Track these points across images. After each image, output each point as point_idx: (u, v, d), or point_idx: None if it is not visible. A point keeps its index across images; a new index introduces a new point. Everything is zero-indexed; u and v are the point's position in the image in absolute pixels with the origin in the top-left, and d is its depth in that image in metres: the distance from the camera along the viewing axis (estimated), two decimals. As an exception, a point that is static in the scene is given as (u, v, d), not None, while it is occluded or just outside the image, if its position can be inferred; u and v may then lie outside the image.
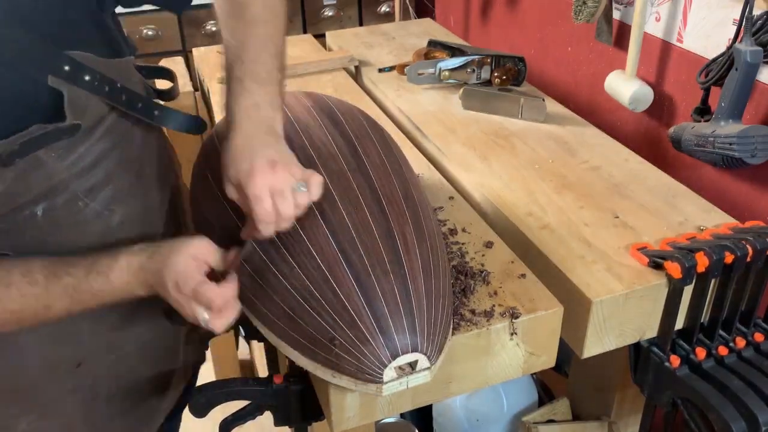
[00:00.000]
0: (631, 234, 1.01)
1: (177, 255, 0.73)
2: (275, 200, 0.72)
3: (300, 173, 0.74)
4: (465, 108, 1.41)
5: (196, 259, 0.74)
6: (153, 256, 0.75)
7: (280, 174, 0.72)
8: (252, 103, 0.76)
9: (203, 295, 0.72)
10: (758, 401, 0.90)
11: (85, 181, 0.77)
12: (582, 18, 1.48)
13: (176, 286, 0.73)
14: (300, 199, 0.73)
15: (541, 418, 1.28)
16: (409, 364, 0.72)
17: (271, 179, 0.71)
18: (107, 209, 0.80)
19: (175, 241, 0.76)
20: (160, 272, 0.73)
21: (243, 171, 0.72)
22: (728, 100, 1.15)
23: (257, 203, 0.71)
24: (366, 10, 2.62)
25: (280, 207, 0.72)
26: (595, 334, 0.92)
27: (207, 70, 1.63)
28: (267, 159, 0.72)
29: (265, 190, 0.71)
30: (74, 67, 0.70)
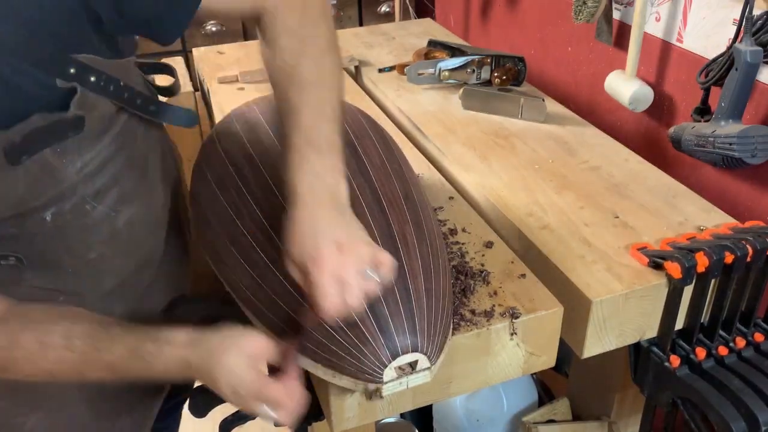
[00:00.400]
0: (631, 234, 1.01)
1: (230, 356, 0.69)
2: (343, 289, 0.67)
3: (369, 254, 0.69)
4: (465, 108, 1.41)
5: (252, 359, 0.70)
6: (203, 355, 0.71)
7: (347, 259, 0.67)
8: (314, 173, 0.71)
9: (269, 397, 0.69)
10: (758, 401, 0.90)
11: (93, 184, 0.77)
12: (582, 18, 1.48)
13: (234, 391, 0.69)
14: (368, 287, 0.68)
15: (541, 418, 1.28)
16: (409, 364, 0.72)
17: (338, 266, 0.66)
18: (114, 210, 0.80)
19: (222, 334, 0.71)
20: (211, 372, 0.70)
21: (308, 254, 0.68)
22: (728, 100, 1.15)
23: (323, 296, 0.66)
24: (366, 10, 2.62)
25: (347, 297, 0.67)
26: (595, 334, 0.92)
27: (207, 70, 1.63)
28: (333, 241, 0.67)
29: (331, 281, 0.66)
30: (80, 70, 0.70)
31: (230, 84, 1.55)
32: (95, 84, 0.72)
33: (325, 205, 0.70)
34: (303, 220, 0.69)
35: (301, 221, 0.69)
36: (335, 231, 0.68)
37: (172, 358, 0.71)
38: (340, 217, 0.70)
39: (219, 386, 0.70)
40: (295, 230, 0.69)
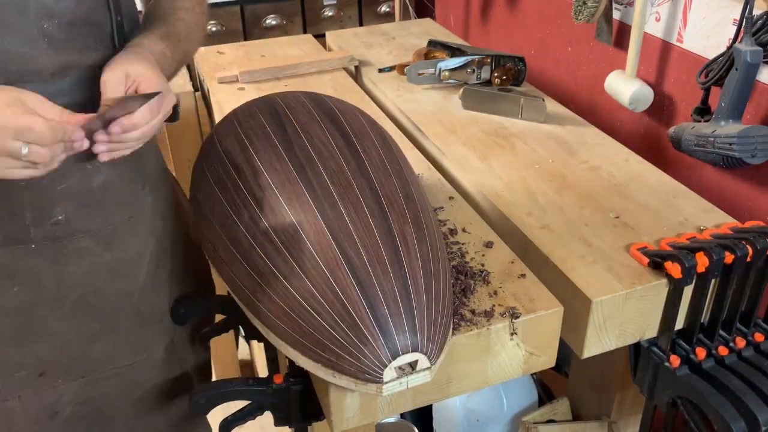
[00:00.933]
0: (631, 234, 1.01)
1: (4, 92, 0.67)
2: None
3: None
4: (465, 108, 1.41)
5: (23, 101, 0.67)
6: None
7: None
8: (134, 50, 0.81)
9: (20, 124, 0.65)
10: (758, 401, 0.90)
11: None
12: (582, 18, 1.48)
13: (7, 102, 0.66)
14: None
15: (541, 418, 1.28)
16: (409, 364, 0.72)
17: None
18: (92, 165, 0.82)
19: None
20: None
21: None
22: (728, 100, 1.15)
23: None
24: (366, 10, 2.62)
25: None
26: (595, 334, 0.92)
27: (207, 70, 1.63)
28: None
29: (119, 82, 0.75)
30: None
31: (230, 84, 1.55)
32: None
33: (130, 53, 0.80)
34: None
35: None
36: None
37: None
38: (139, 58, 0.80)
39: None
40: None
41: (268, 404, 0.94)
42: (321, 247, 0.75)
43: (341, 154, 0.86)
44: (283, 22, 2.48)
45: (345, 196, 0.79)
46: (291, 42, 1.80)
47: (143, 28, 0.87)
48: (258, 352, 1.88)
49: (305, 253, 0.75)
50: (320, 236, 0.76)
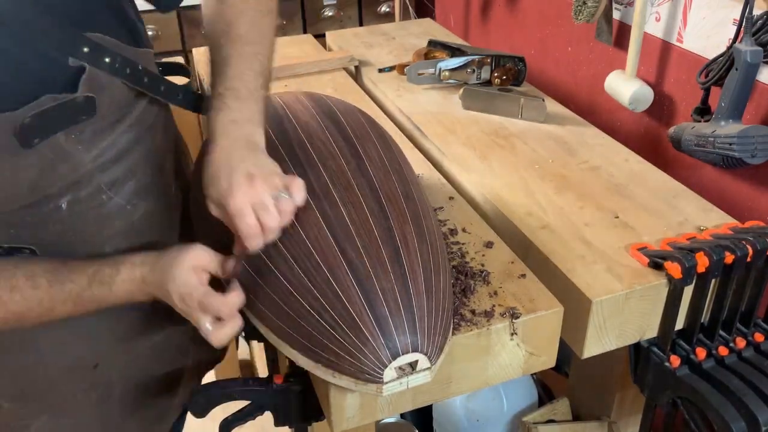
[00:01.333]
0: (631, 234, 1.01)
1: (178, 268, 0.73)
2: (258, 213, 0.70)
3: (280, 181, 0.73)
4: (465, 108, 1.41)
5: (197, 269, 0.74)
6: (154, 269, 0.75)
7: (259, 186, 0.71)
8: (231, 120, 0.75)
9: (209, 306, 0.72)
10: (758, 401, 0.90)
11: (110, 174, 0.77)
12: (582, 18, 1.48)
13: (182, 300, 0.73)
14: (284, 206, 0.72)
15: (541, 418, 1.28)
16: (410, 364, 0.72)
17: (251, 193, 0.70)
18: (130, 204, 0.81)
19: (174, 251, 0.75)
20: (163, 285, 0.74)
21: (223, 189, 0.71)
22: (728, 100, 1.15)
23: (240, 219, 0.70)
24: (366, 10, 2.62)
25: (264, 219, 0.70)
26: (595, 334, 0.92)
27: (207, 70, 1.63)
28: (245, 173, 0.71)
29: (246, 206, 0.70)
30: (93, 49, 0.70)
31: (230, 84, 1.55)
32: (110, 65, 0.72)
33: (239, 146, 0.73)
34: (217, 161, 0.73)
35: (215, 162, 0.73)
36: (246, 165, 0.72)
37: (129, 277, 0.75)
38: (254, 156, 0.73)
39: (171, 297, 0.73)
40: (211, 170, 0.73)
41: (268, 404, 0.94)
42: (321, 247, 0.75)
43: (341, 154, 0.86)
44: (282, 22, 2.48)
45: (345, 196, 0.79)
46: (291, 42, 1.80)
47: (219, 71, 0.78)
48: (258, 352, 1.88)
49: (305, 253, 0.75)
50: (320, 236, 0.76)
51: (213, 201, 0.73)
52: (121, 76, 0.74)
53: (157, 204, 0.85)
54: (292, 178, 0.74)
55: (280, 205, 0.72)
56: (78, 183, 0.75)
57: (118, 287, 0.75)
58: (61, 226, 0.76)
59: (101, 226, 0.79)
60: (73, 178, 0.74)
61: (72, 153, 0.72)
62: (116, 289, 0.75)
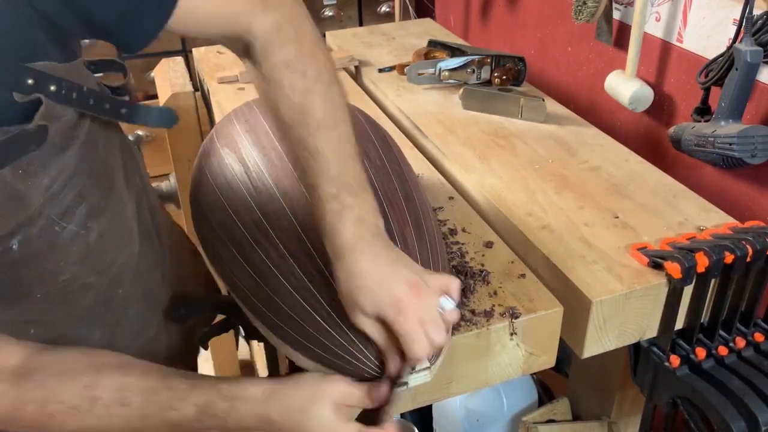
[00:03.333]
0: (631, 234, 1.01)
1: (318, 407, 0.67)
2: (427, 329, 0.65)
3: (438, 284, 0.68)
4: (465, 108, 1.41)
5: (341, 407, 0.67)
6: (284, 409, 0.68)
7: (425, 298, 0.65)
8: (356, 218, 0.68)
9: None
10: (758, 401, 0.90)
11: (60, 203, 0.70)
12: (582, 18, 1.48)
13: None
14: (450, 317, 0.67)
15: (541, 418, 1.28)
16: (410, 364, 0.72)
17: (419, 309, 0.65)
18: (84, 228, 0.73)
19: (304, 385, 0.69)
20: (298, 427, 0.67)
21: (386, 305, 0.65)
22: (728, 100, 1.15)
23: (413, 343, 0.64)
24: (366, 10, 2.62)
25: (433, 336, 0.65)
26: (595, 334, 0.92)
27: (207, 70, 1.63)
28: (407, 284, 0.65)
29: (417, 326, 0.64)
30: (39, 80, 0.63)
31: (230, 84, 1.55)
32: (56, 93, 0.65)
33: (379, 248, 0.67)
34: (366, 271, 0.66)
35: (364, 272, 0.66)
36: (402, 272, 0.66)
37: (248, 416, 0.68)
38: (397, 256, 0.68)
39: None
40: (361, 281, 0.66)
41: (268, 404, 0.94)
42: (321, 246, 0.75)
43: (341, 154, 0.86)
44: (283, 22, 2.47)
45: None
46: (291, 42, 1.80)
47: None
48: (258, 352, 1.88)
49: (306, 253, 0.75)
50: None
51: (367, 315, 0.67)
52: (67, 103, 0.67)
53: (112, 222, 0.77)
54: (448, 280, 0.69)
55: (446, 316, 0.67)
56: (28, 221, 0.67)
57: (232, 424, 0.67)
58: (11, 266, 0.68)
59: (57, 258, 0.71)
60: (23, 217, 0.66)
61: (20, 190, 0.65)
62: (230, 426, 0.67)
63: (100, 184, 0.75)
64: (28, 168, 0.65)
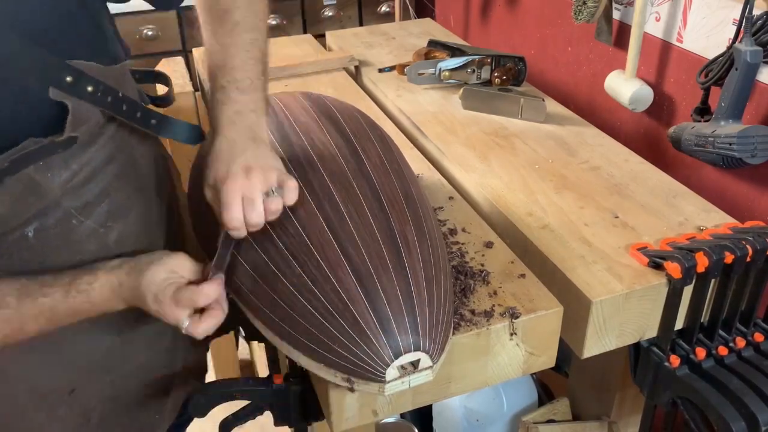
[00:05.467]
0: (631, 234, 1.01)
1: (154, 269, 0.73)
2: (244, 207, 0.71)
3: (275, 178, 0.73)
4: (465, 108, 1.41)
5: (173, 272, 0.73)
6: (131, 271, 0.74)
7: (254, 180, 0.71)
8: (235, 110, 0.75)
9: (183, 296, 0.71)
10: (758, 401, 0.90)
11: (80, 197, 0.74)
12: (582, 18, 1.48)
13: (155, 298, 0.72)
14: (272, 205, 0.73)
15: (541, 418, 1.28)
16: (412, 363, 0.72)
17: (243, 185, 0.71)
18: (103, 226, 0.77)
19: (151, 255, 0.75)
20: (138, 287, 0.72)
21: (220, 175, 0.72)
22: (728, 100, 1.15)
23: (226, 210, 0.71)
24: (366, 10, 2.62)
25: (248, 215, 0.71)
26: (595, 334, 0.92)
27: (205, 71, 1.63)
28: (243, 164, 0.71)
29: (235, 197, 0.71)
30: (77, 78, 0.67)
31: (230, 84, 1.55)
32: (92, 94, 0.70)
33: (242, 137, 0.74)
34: (219, 149, 0.73)
35: (217, 148, 0.73)
36: (246, 155, 0.72)
37: (107, 281, 0.73)
38: (255, 147, 0.74)
39: (145, 299, 0.72)
40: (212, 157, 0.74)
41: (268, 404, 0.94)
42: (322, 247, 0.75)
43: (341, 155, 0.86)
44: (283, 22, 2.48)
45: (345, 197, 0.79)
46: (291, 42, 1.80)
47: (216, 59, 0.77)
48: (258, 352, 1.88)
49: (306, 253, 0.75)
50: (321, 236, 0.76)
51: (209, 185, 0.74)
52: (101, 105, 0.72)
53: (136, 224, 0.82)
54: (287, 177, 0.74)
55: (268, 203, 0.72)
56: (45, 210, 0.71)
57: (96, 294, 0.73)
58: (28, 254, 0.73)
59: (72, 252, 0.76)
60: (40, 206, 0.71)
61: (40, 182, 0.69)
62: (94, 297, 0.72)
63: (127, 185, 0.80)
64: (50, 162, 0.70)
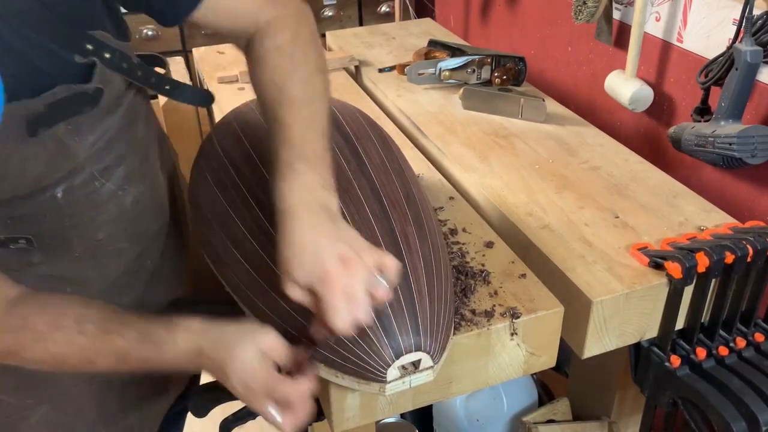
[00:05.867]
0: (632, 234, 1.01)
1: (245, 351, 0.68)
2: (350, 305, 0.65)
3: (373, 262, 0.67)
4: (465, 108, 1.41)
5: (266, 356, 0.69)
6: (216, 344, 0.70)
7: (355, 272, 0.66)
8: (305, 187, 0.70)
9: (279, 393, 0.68)
10: (758, 401, 0.90)
11: (101, 161, 0.78)
12: (582, 18, 1.48)
13: (244, 385, 0.68)
14: (378, 294, 0.67)
15: (541, 418, 1.28)
16: (413, 363, 0.72)
17: (347, 282, 0.65)
18: (121, 189, 0.81)
19: (241, 329, 0.71)
20: (223, 363, 0.69)
21: (314, 274, 0.66)
22: (728, 100, 1.15)
23: (334, 315, 0.65)
24: (366, 10, 2.62)
25: (354, 311, 0.66)
26: (596, 334, 0.92)
27: (207, 70, 1.63)
28: (337, 256, 0.66)
29: (342, 300, 0.65)
30: (96, 46, 0.71)
31: (230, 84, 1.55)
32: (110, 60, 0.73)
33: (321, 219, 0.68)
34: (301, 238, 0.67)
35: (299, 239, 0.67)
36: (336, 245, 0.67)
37: (183, 343, 0.70)
38: (337, 229, 0.69)
39: (229, 378, 0.69)
40: (295, 250, 0.67)
41: (268, 404, 0.94)
42: (322, 247, 0.75)
43: (341, 155, 0.86)
44: (282, 22, 2.47)
45: (346, 197, 0.79)
46: (291, 42, 1.80)
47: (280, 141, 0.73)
48: (258, 352, 1.88)
49: (306, 253, 0.75)
50: (321, 236, 0.75)
51: (299, 284, 0.67)
52: (119, 71, 0.75)
53: (145, 189, 0.86)
54: (384, 257, 0.68)
55: (376, 292, 0.67)
56: (73, 171, 0.75)
57: (169, 351, 0.71)
58: (57, 214, 0.76)
59: (95, 212, 0.79)
60: (69, 167, 0.75)
61: (69, 144, 0.73)
62: (166, 353, 0.71)
63: (137, 154, 0.84)
64: (80, 126, 0.73)
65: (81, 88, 0.71)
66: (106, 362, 0.72)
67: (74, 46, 0.70)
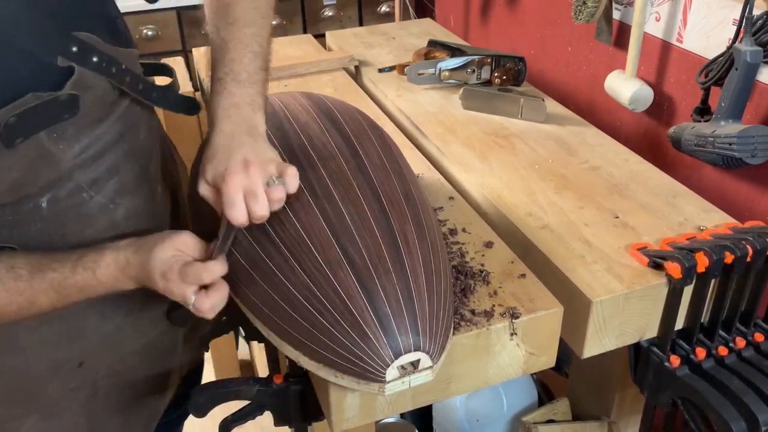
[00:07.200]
0: (631, 234, 1.01)
1: (161, 247, 0.74)
2: (247, 201, 0.71)
3: (274, 168, 0.73)
4: (465, 108, 1.41)
5: (180, 251, 0.74)
6: (138, 250, 0.75)
7: (253, 173, 0.71)
8: (232, 103, 0.76)
9: (190, 271, 0.72)
10: (758, 401, 0.90)
11: (91, 172, 0.77)
12: (582, 18, 1.48)
13: (163, 275, 0.73)
14: (274, 194, 0.72)
15: (541, 418, 1.28)
16: (412, 363, 0.72)
17: (244, 180, 0.71)
18: (112, 202, 0.81)
19: (158, 234, 0.76)
20: (145, 265, 0.74)
21: (219, 172, 0.72)
22: (728, 100, 1.15)
23: (230, 207, 0.71)
24: (366, 10, 2.62)
25: (252, 207, 0.72)
26: (595, 334, 0.92)
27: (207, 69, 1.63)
28: (241, 159, 0.72)
29: (237, 193, 0.71)
30: (82, 48, 0.71)
31: (230, 84, 1.55)
32: (97, 64, 0.73)
33: (240, 131, 0.74)
34: (217, 144, 0.74)
35: (214, 144, 0.74)
36: (244, 150, 0.73)
37: (113, 261, 0.74)
38: (254, 143, 0.74)
39: (151, 275, 0.73)
40: (210, 153, 0.74)
41: (268, 404, 0.94)
42: (322, 247, 0.75)
43: (341, 154, 0.86)
44: (283, 22, 2.48)
45: (345, 196, 0.79)
46: (291, 42, 1.80)
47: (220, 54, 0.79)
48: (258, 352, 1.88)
49: (306, 253, 0.75)
50: (321, 236, 0.76)
51: (207, 181, 0.74)
52: (107, 75, 0.75)
53: (140, 202, 0.85)
54: (286, 166, 0.74)
55: (270, 193, 0.72)
56: (58, 181, 0.75)
57: (102, 272, 0.74)
58: (42, 224, 0.76)
59: (83, 225, 0.79)
60: (53, 176, 0.74)
61: (53, 152, 0.72)
62: (101, 274, 0.74)
63: (133, 165, 0.83)
64: (63, 133, 0.72)
65: (51, 95, 0.69)
66: (47, 299, 0.74)
67: (59, 48, 0.69)
